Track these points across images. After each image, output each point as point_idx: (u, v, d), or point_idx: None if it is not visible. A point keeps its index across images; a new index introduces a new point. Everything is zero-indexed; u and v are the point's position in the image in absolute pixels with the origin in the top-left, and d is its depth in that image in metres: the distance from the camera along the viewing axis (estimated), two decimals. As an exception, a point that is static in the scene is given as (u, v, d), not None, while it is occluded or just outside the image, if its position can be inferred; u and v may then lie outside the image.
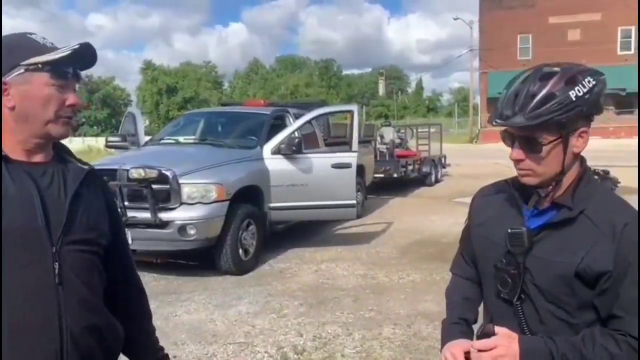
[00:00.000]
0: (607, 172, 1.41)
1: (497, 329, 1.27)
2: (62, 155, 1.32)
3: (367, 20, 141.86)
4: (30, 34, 1.26)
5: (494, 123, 1.28)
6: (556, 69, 1.24)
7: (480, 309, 1.50)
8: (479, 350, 1.24)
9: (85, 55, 1.26)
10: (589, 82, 1.21)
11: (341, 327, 4.30)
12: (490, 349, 1.23)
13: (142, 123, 8.69)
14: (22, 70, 1.19)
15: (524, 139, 1.25)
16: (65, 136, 1.27)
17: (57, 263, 1.19)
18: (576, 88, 1.20)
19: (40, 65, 1.20)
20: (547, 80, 1.22)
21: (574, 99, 1.19)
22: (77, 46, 1.23)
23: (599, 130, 26.32)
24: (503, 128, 1.29)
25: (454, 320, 1.47)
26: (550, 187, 1.29)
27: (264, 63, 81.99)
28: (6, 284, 1.14)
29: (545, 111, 1.19)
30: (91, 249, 1.27)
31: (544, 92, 1.20)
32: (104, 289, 1.34)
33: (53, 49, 1.23)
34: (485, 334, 1.26)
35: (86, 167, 1.33)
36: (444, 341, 1.42)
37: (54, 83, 1.21)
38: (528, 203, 1.34)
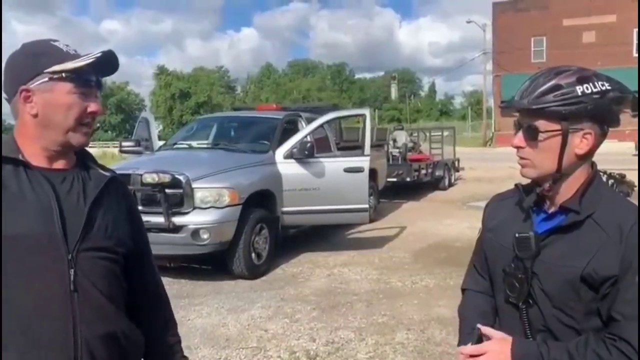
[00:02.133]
0: (623, 176, 1.39)
1: (492, 332, 1.28)
2: (85, 162, 1.32)
3: (378, 24, 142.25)
4: (54, 40, 1.26)
5: (500, 104, 1.31)
6: (574, 67, 1.26)
7: None
8: (471, 356, 1.26)
9: (107, 62, 1.26)
10: (602, 85, 1.21)
11: (354, 332, 4.28)
12: (481, 355, 1.24)
13: (156, 128, 8.77)
14: (46, 79, 1.20)
15: (526, 127, 1.27)
16: (85, 145, 1.28)
17: (72, 270, 1.18)
18: (585, 85, 1.21)
19: (64, 74, 1.20)
20: (560, 74, 1.24)
21: (579, 93, 1.20)
22: (100, 54, 1.23)
23: (616, 134, 25.76)
24: (516, 118, 1.32)
25: (468, 332, 1.40)
26: (547, 185, 1.28)
27: (276, 67, 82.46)
28: (21, 290, 1.14)
29: (547, 99, 1.22)
30: (109, 256, 1.26)
31: (552, 82, 1.23)
32: (125, 297, 1.32)
33: (76, 56, 1.23)
34: (479, 338, 1.26)
35: (108, 174, 1.32)
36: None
37: (77, 91, 1.22)
38: (538, 207, 1.33)
